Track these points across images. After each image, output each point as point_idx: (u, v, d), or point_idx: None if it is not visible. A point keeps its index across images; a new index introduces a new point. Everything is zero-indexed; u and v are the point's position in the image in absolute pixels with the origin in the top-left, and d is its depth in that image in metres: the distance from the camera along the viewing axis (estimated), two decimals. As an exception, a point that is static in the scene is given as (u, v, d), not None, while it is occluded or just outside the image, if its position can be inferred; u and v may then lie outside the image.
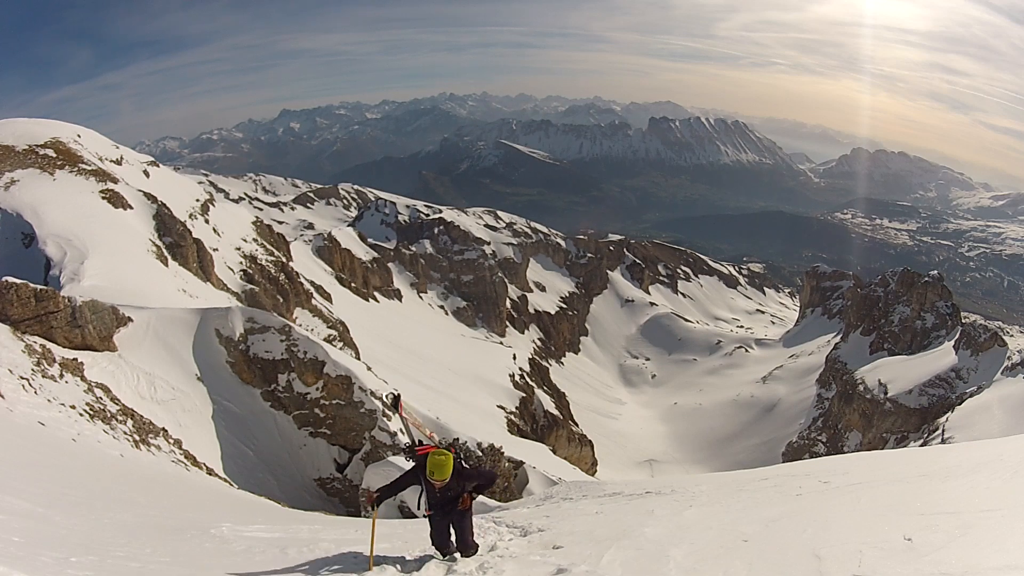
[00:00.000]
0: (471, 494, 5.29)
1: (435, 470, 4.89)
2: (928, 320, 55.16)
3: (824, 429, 51.88)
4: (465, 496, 5.21)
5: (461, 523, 5.28)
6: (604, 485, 13.58)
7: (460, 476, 5.14)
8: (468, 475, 5.29)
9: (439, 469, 4.89)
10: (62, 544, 4.32)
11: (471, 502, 5.30)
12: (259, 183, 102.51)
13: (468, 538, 5.30)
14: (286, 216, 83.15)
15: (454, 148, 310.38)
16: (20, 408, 10.45)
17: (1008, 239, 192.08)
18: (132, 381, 15.80)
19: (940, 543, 3.49)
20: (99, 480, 8.27)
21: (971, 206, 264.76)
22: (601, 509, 7.91)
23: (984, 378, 40.67)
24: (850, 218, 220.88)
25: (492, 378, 44.28)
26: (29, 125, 29.77)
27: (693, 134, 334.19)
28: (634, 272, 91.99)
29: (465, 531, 5.28)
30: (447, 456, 5.00)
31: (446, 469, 4.93)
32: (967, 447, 9.86)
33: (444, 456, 4.98)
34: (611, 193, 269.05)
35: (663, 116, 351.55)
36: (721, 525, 5.38)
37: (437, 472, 4.89)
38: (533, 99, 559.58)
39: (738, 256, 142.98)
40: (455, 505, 5.25)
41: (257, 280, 32.91)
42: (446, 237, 76.85)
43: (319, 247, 56.44)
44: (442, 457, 4.96)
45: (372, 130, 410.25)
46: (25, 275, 15.69)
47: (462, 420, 26.48)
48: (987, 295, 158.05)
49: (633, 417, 64.48)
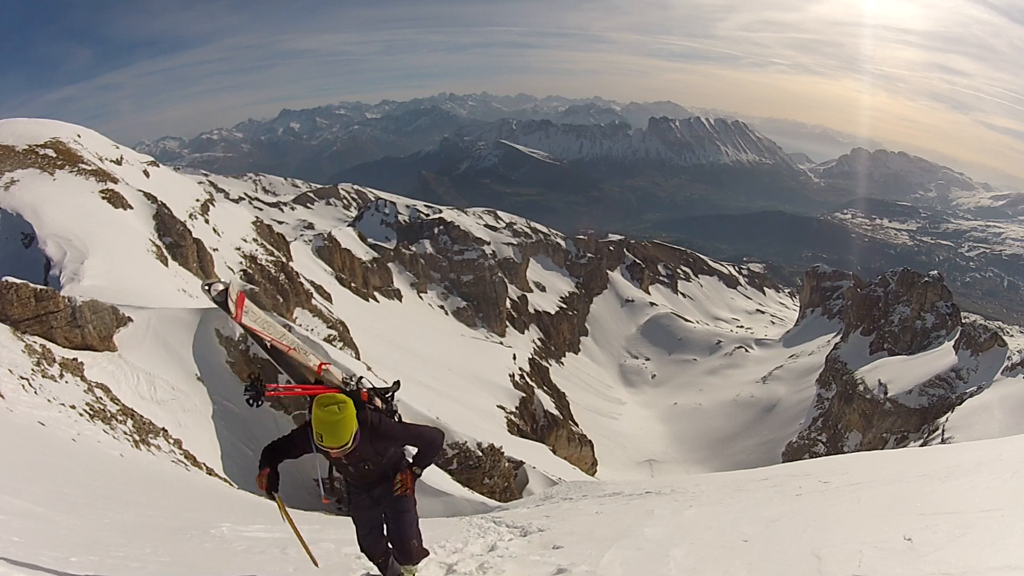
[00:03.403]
0: (413, 469, 3.54)
1: (322, 431, 3.00)
2: (928, 320, 55.16)
3: (824, 429, 51.87)
4: (404, 473, 3.51)
5: (399, 516, 3.60)
6: (604, 485, 13.59)
7: (376, 436, 3.30)
8: (389, 433, 3.39)
9: (328, 429, 2.99)
10: (62, 544, 4.31)
11: (414, 482, 3.55)
12: (259, 183, 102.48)
13: (410, 540, 3.61)
14: (286, 216, 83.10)
15: (454, 148, 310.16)
16: (20, 408, 10.45)
17: (1008, 239, 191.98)
18: (132, 381, 15.80)
19: (940, 543, 3.49)
20: (99, 480, 8.27)
21: (971, 206, 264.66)
22: (601, 509, 7.91)
23: (984, 378, 40.67)
24: (850, 218, 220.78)
25: (492, 378, 44.28)
26: (29, 125, 29.79)
27: (693, 134, 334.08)
28: (634, 272, 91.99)
29: (405, 528, 3.59)
30: (340, 404, 3.05)
31: (341, 428, 3.01)
32: (967, 447, 9.87)
33: (333, 405, 3.03)
34: (611, 193, 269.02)
35: (663, 116, 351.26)
36: (721, 525, 5.38)
37: (326, 434, 3.00)
38: (533, 99, 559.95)
39: (738, 256, 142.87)
40: (386, 487, 3.54)
41: (257, 280, 32.92)
42: (446, 237, 76.85)
43: (319, 247, 56.46)
44: (331, 407, 3.02)
45: (372, 130, 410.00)
46: (25, 275, 15.69)
47: (462, 420, 26.50)
48: (987, 295, 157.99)
49: (633, 417, 64.48)
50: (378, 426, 3.32)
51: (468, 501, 16.96)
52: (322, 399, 3.07)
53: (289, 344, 3.57)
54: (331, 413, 3.01)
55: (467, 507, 15.93)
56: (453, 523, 8.90)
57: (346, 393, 3.32)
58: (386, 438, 3.38)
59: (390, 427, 3.43)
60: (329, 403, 3.05)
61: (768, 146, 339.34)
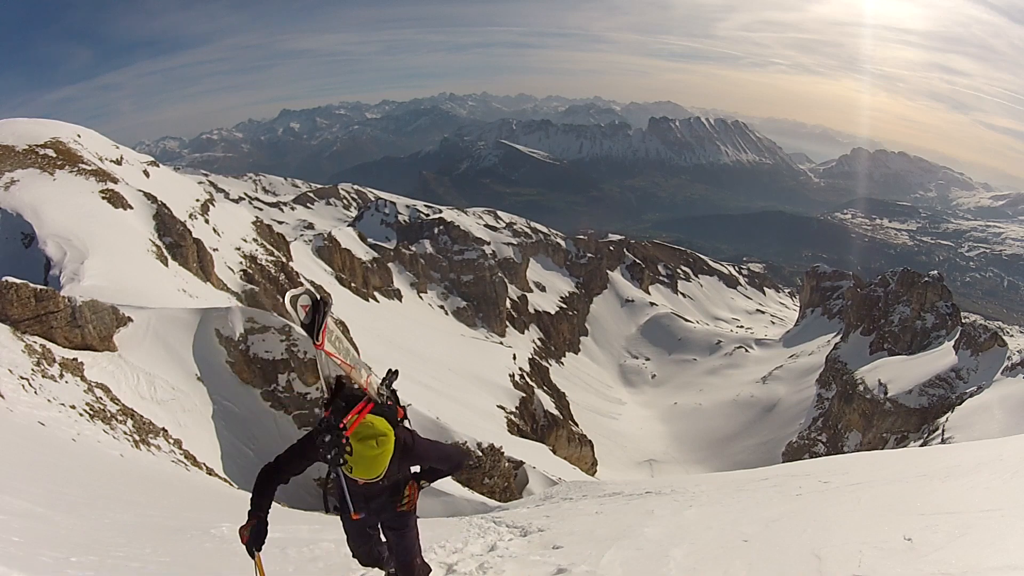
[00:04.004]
0: (420, 483, 3.32)
1: (356, 464, 2.69)
2: (928, 320, 55.15)
3: (824, 429, 51.86)
4: (411, 486, 3.26)
5: (402, 533, 3.31)
6: (604, 485, 13.59)
7: (406, 456, 3.04)
8: (420, 453, 3.15)
9: (364, 464, 2.69)
10: (62, 544, 4.31)
11: (418, 494, 3.30)
12: (259, 183, 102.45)
13: (414, 559, 3.37)
14: (286, 216, 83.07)
15: (454, 148, 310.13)
16: (20, 408, 10.45)
17: (1008, 239, 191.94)
18: (132, 381, 15.81)
19: (940, 543, 3.49)
20: (99, 480, 8.27)
21: (971, 206, 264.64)
22: (601, 509, 7.91)
23: (984, 378, 40.66)
24: (850, 218, 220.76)
25: (492, 378, 44.28)
26: (29, 125, 29.77)
27: (693, 134, 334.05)
28: (634, 272, 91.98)
29: (409, 545, 3.33)
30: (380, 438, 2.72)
31: (378, 464, 2.70)
32: (967, 447, 9.86)
33: (372, 440, 2.70)
34: (611, 193, 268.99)
35: (663, 116, 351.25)
36: (721, 525, 5.38)
37: (359, 468, 2.70)
38: (533, 99, 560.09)
39: (738, 256, 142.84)
40: (388, 499, 3.21)
41: (257, 280, 32.90)
42: (446, 237, 76.85)
43: (319, 247, 56.45)
44: (370, 442, 2.69)
45: (372, 130, 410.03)
46: (25, 275, 15.70)
47: (462, 420, 26.50)
48: (987, 295, 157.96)
49: (633, 417, 64.47)
50: (411, 447, 3.07)
51: (468, 501, 16.97)
52: (361, 431, 2.73)
53: (352, 363, 3.35)
54: (370, 448, 2.68)
55: (467, 507, 15.95)
56: (453, 523, 8.90)
57: (382, 411, 3.04)
58: (415, 458, 3.13)
59: (422, 448, 3.16)
60: (368, 436, 2.71)
61: (768, 146, 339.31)
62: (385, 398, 3.36)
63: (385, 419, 2.88)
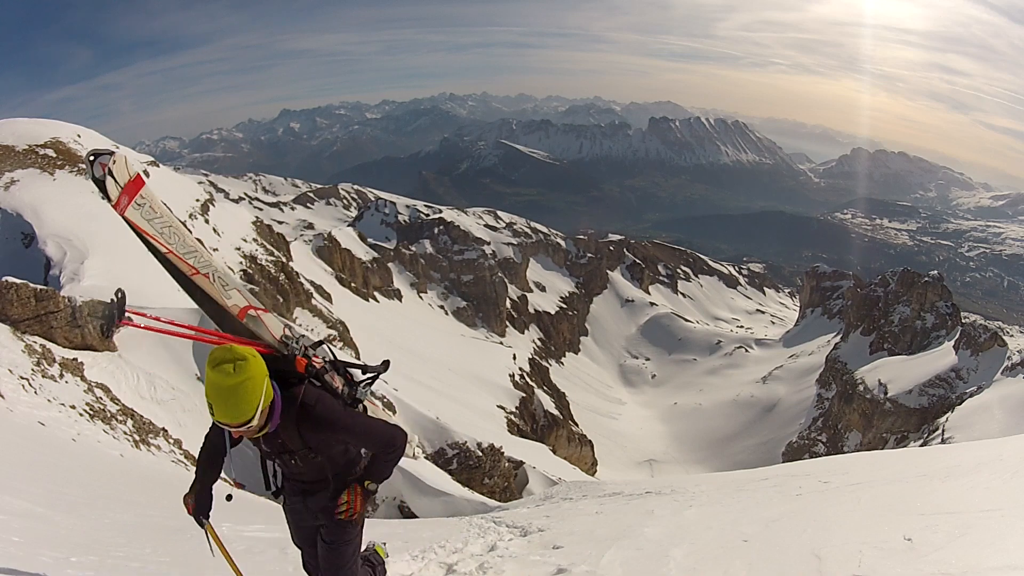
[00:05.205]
0: (365, 485, 2.57)
1: (213, 399, 2.14)
2: (928, 320, 55.17)
3: (824, 429, 51.88)
4: (351, 491, 2.56)
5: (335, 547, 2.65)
6: (604, 485, 13.59)
7: (308, 422, 2.37)
8: (326, 420, 2.40)
9: (220, 397, 2.12)
10: (62, 544, 4.31)
11: (361, 502, 2.58)
12: (259, 183, 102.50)
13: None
14: (286, 216, 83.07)
15: (454, 148, 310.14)
16: (20, 408, 10.45)
17: (1008, 239, 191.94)
18: (132, 381, 15.82)
19: (940, 543, 3.49)
20: (99, 480, 8.26)
21: (971, 206, 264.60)
22: (601, 509, 7.91)
23: (984, 378, 40.69)
24: (850, 218, 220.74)
25: (492, 378, 44.29)
26: (29, 125, 29.75)
27: (693, 134, 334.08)
28: (634, 272, 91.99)
29: (340, 562, 2.66)
30: (238, 362, 2.13)
31: (238, 398, 2.12)
32: (967, 447, 9.86)
33: (228, 364, 2.12)
34: (611, 193, 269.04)
35: (663, 116, 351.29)
36: (721, 525, 5.38)
37: (217, 404, 2.13)
38: (533, 99, 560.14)
39: (738, 256, 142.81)
40: (325, 499, 2.63)
41: (257, 280, 32.89)
42: (446, 237, 76.86)
43: (319, 247, 56.43)
44: (225, 366, 2.12)
45: (372, 130, 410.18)
46: (25, 275, 15.70)
47: (462, 420, 26.51)
48: (987, 295, 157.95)
49: (633, 417, 64.49)
50: (311, 408, 2.35)
51: (468, 501, 16.98)
52: (216, 355, 2.14)
53: (199, 267, 2.50)
54: (224, 375, 2.10)
55: (467, 507, 15.95)
56: (453, 523, 8.91)
57: (279, 356, 2.46)
58: (322, 428, 2.38)
59: (330, 413, 2.39)
60: (223, 360, 2.12)
61: (768, 146, 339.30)
62: (297, 352, 2.56)
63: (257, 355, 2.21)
